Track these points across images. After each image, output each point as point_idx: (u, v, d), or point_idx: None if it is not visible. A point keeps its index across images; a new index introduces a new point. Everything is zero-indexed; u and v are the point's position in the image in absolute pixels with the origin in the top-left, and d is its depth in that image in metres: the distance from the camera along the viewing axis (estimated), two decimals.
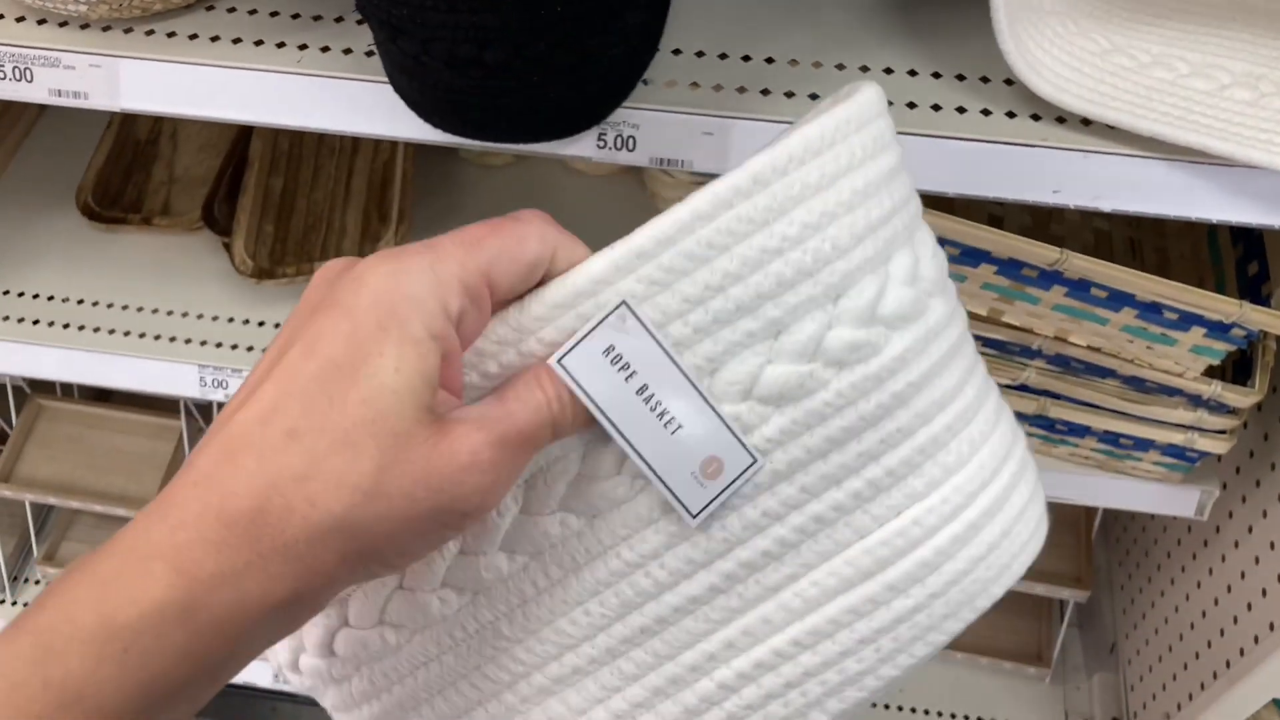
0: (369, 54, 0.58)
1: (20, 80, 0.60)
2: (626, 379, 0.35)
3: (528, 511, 0.38)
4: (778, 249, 0.34)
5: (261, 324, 0.83)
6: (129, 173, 0.93)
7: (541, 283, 0.36)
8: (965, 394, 0.38)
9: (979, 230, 0.64)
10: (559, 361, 0.35)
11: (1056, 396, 0.74)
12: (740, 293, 0.35)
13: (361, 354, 0.32)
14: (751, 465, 0.36)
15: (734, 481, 0.36)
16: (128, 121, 0.95)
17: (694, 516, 0.36)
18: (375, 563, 0.34)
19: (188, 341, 0.81)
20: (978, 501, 0.38)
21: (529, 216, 0.35)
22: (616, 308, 0.34)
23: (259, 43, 0.59)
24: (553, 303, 0.35)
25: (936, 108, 0.56)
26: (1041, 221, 0.82)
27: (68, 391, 1.13)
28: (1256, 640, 0.80)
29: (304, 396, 0.32)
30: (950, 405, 0.38)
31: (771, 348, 0.35)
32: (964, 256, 0.66)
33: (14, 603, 1.11)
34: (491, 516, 0.38)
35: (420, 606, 0.39)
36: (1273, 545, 0.79)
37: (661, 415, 0.35)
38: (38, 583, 1.13)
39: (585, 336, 0.35)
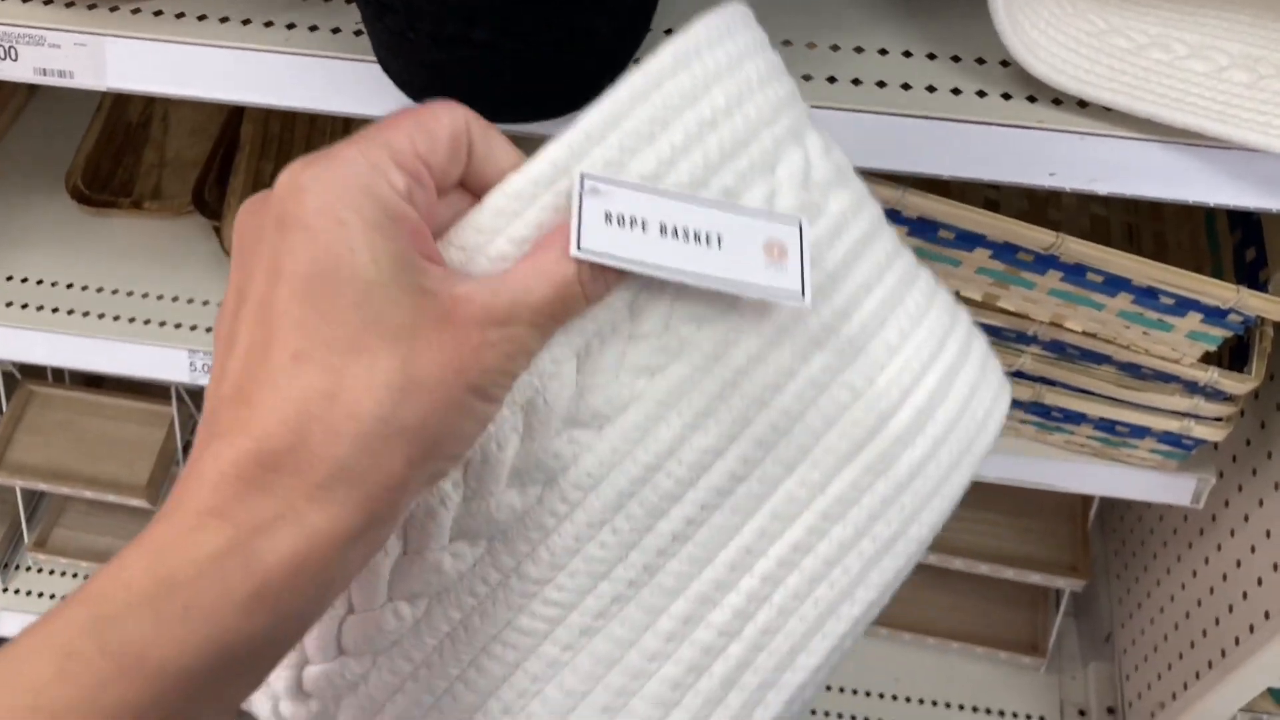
0: (357, 33, 0.58)
1: (5, 59, 0.59)
2: (644, 229, 0.34)
3: (532, 436, 0.36)
4: (713, 120, 0.36)
5: None
6: (119, 156, 0.92)
7: (477, 182, 0.35)
8: (904, 256, 0.40)
9: (975, 214, 0.63)
10: (579, 249, 0.34)
11: (1052, 383, 0.73)
12: (689, 166, 0.35)
13: (332, 259, 0.30)
14: (801, 225, 0.36)
15: (802, 250, 0.36)
16: (118, 104, 0.95)
17: (803, 296, 0.35)
18: (439, 458, 0.32)
19: (178, 326, 0.81)
20: (948, 346, 0.40)
21: (431, 101, 0.35)
22: (582, 183, 0.34)
23: (246, 21, 0.58)
24: (514, 194, 0.34)
25: (931, 89, 0.56)
26: (1038, 207, 0.81)
27: (59, 378, 1.12)
28: (1252, 629, 0.79)
29: (293, 320, 0.30)
30: (895, 263, 0.39)
31: None
32: (959, 240, 0.66)
33: (4, 589, 1.11)
34: (491, 450, 0.36)
35: (432, 568, 0.37)
36: (1269, 534, 0.79)
37: (697, 238, 0.35)
38: (29, 569, 1.12)
39: (580, 218, 0.34)
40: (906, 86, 0.56)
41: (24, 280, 0.84)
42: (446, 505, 0.36)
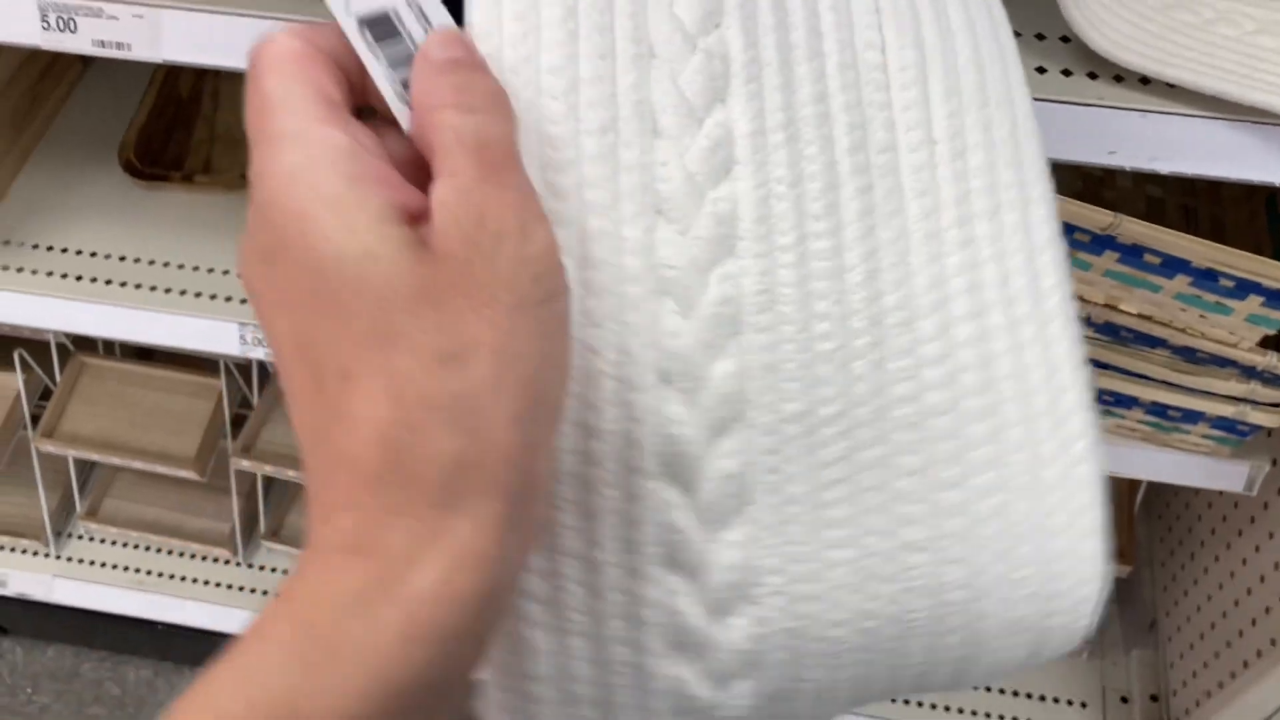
0: None
1: (64, 31, 0.60)
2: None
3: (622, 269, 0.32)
4: None
5: None
6: (171, 130, 0.93)
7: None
8: None
9: None
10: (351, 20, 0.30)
11: (1105, 367, 0.72)
12: None
13: (315, 259, 0.27)
14: None
15: None
16: (170, 79, 0.95)
17: None
18: (549, 391, 0.29)
19: (228, 299, 0.82)
20: None
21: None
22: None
23: None
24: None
25: None
26: (1093, 187, 0.80)
27: (109, 350, 1.14)
28: None
29: (324, 342, 0.28)
30: None
31: None
32: None
33: (57, 557, 1.13)
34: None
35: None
36: None
37: None
38: (80, 538, 1.14)
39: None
40: None
41: (78, 253, 0.85)
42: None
